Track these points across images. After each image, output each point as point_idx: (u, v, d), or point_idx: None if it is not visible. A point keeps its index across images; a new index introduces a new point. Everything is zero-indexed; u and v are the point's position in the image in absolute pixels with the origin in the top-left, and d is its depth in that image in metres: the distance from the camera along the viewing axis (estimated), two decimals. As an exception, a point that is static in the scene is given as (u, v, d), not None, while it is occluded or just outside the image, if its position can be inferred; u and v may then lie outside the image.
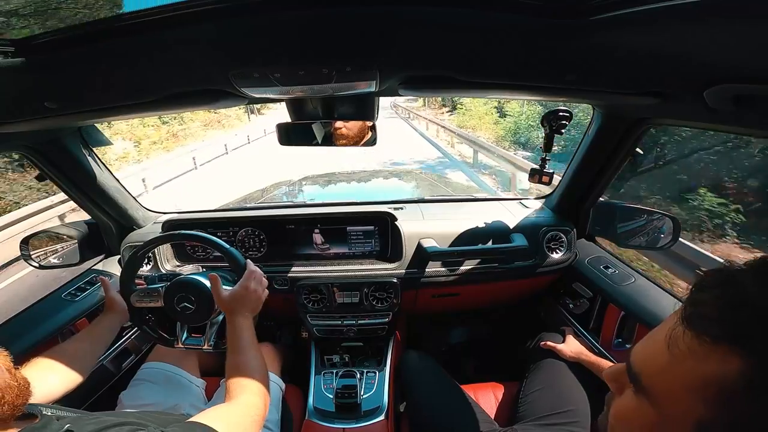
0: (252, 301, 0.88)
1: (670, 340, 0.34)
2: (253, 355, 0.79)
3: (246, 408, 0.68)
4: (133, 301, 1.00)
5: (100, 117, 0.89)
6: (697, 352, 0.31)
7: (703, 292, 0.33)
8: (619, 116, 1.02)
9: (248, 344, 0.81)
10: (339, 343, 1.39)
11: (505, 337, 1.75)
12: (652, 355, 0.36)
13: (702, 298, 0.33)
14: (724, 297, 0.32)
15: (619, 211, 1.31)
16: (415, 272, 1.30)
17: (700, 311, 0.32)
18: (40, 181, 1.19)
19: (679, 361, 0.33)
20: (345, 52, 0.58)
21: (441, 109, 17.92)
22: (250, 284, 0.89)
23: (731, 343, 0.30)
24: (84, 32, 0.52)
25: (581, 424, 0.95)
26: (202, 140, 13.00)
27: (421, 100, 19.42)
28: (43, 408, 0.58)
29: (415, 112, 16.50)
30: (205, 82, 0.68)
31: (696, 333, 0.32)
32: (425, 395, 1.11)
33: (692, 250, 2.85)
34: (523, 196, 1.68)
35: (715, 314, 0.31)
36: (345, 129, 0.93)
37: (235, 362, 0.77)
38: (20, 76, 0.60)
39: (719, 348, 0.30)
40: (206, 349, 1.01)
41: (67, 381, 0.80)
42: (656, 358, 0.35)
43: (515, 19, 0.48)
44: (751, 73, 0.45)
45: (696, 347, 0.31)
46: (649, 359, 0.36)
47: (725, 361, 0.30)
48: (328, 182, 2.54)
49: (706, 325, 0.31)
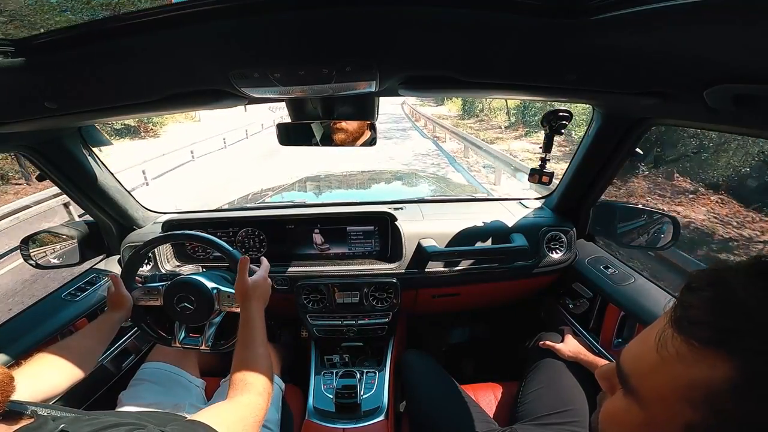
0: (266, 292, 0.91)
1: (659, 342, 0.33)
2: (262, 352, 0.78)
3: (248, 408, 0.68)
4: (133, 298, 1.00)
5: (100, 117, 0.89)
6: (685, 355, 0.31)
7: (692, 293, 0.33)
8: (619, 116, 1.02)
9: (259, 339, 0.80)
10: (339, 343, 1.39)
11: (505, 337, 1.75)
12: (642, 356, 0.36)
13: (691, 300, 0.32)
14: (714, 299, 0.31)
15: (619, 211, 1.31)
16: (415, 272, 1.30)
17: (689, 314, 0.32)
18: (40, 181, 1.20)
19: (668, 363, 0.32)
20: (345, 52, 0.58)
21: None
22: (267, 275, 0.93)
23: (719, 347, 0.29)
24: (84, 32, 0.52)
25: (580, 423, 0.95)
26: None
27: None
28: (39, 408, 0.58)
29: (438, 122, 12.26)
30: (205, 82, 0.68)
31: (685, 337, 0.31)
32: (425, 395, 1.11)
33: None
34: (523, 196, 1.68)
35: (703, 317, 0.31)
36: (344, 123, 0.93)
37: (244, 356, 0.76)
38: (20, 76, 0.60)
39: (708, 352, 0.30)
40: (203, 349, 1.01)
41: (70, 377, 0.79)
42: (645, 359, 0.35)
43: (515, 18, 0.48)
44: (751, 73, 0.44)
45: (685, 351, 0.31)
46: (639, 361, 0.36)
47: (713, 366, 0.29)
48: (327, 182, 2.54)
49: (695, 329, 0.31)
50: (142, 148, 10.44)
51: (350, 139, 0.96)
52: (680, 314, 0.33)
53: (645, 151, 1.13)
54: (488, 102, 14.91)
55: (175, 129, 15.45)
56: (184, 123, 16.76)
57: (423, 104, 20.90)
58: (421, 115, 15.06)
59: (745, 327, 0.29)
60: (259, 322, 0.83)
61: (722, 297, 0.31)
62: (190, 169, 8.89)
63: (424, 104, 21.15)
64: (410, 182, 2.60)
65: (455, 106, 19.68)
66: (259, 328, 0.82)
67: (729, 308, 0.30)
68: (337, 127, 0.93)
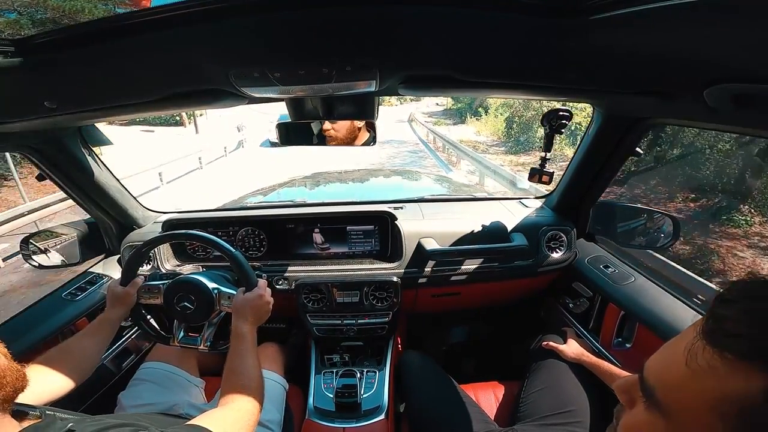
0: (264, 313, 0.93)
1: (689, 355, 0.32)
2: (252, 363, 0.82)
3: (240, 413, 0.71)
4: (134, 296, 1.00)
5: (100, 117, 0.89)
6: (718, 368, 0.30)
7: (726, 306, 0.32)
8: (619, 116, 1.02)
9: (249, 351, 0.83)
10: (339, 343, 1.39)
11: (505, 337, 1.75)
12: (669, 369, 0.35)
13: (726, 314, 0.32)
14: (750, 312, 0.30)
15: (619, 211, 1.32)
16: (415, 272, 1.30)
17: (724, 327, 0.31)
18: (40, 181, 1.19)
19: (699, 376, 0.31)
20: (345, 52, 0.58)
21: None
22: (266, 295, 0.94)
23: (755, 359, 0.29)
24: (83, 32, 0.52)
25: (582, 424, 0.95)
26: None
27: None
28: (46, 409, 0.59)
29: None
30: (205, 82, 0.68)
31: (718, 349, 0.31)
32: (424, 397, 1.11)
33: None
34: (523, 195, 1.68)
35: (739, 330, 0.30)
36: (333, 131, 0.95)
37: (234, 366, 0.80)
38: (20, 76, 0.60)
39: (743, 365, 0.29)
40: (202, 349, 1.01)
41: (73, 379, 0.80)
42: (673, 372, 0.34)
43: (515, 18, 0.49)
44: (751, 73, 0.45)
45: (717, 364, 0.30)
46: (665, 373, 0.35)
47: (749, 378, 0.29)
48: (327, 182, 2.54)
49: (730, 342, 0.30)
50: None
51: (350, 138, 0.96)
52: (713, 326, 0.32)
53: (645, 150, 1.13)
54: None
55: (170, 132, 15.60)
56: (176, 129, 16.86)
57: (439, 122, 16.17)
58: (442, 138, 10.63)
59: None
60: (249, 336, 0.86)
61: (761, 310, 0.30)
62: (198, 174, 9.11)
63: (440, 122, 16.28)
64: (410, 181, 2.60)
65: (487, 127, 12.84)
66: (250, 342, 0.85)
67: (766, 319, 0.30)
68: (337, 126, 0.93)
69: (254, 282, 0.95)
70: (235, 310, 0.91)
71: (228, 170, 9.20)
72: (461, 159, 8.78)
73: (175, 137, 13.90)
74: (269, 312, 0.94)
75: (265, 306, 0.93)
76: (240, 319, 0.88)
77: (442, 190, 2.33)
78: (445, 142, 10.12)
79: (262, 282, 0.96)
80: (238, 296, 0.92)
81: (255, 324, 0.90)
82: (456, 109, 22.00)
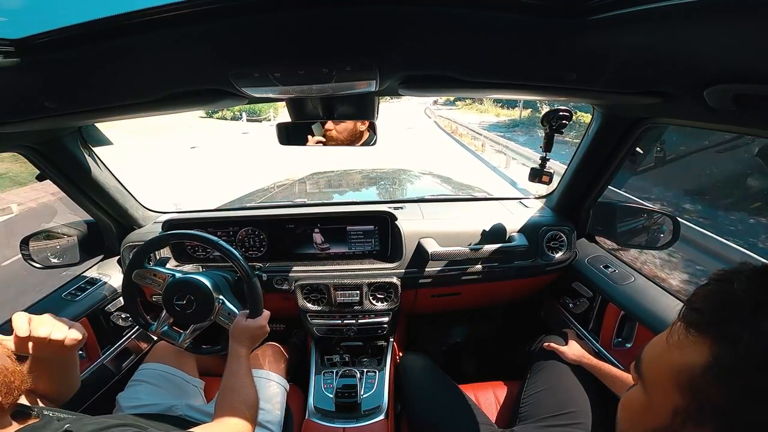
0: (259, 339, 0.94)
1: (670, 332, 0.36)
2: (248, 382, 0.84)
3: (237, 426, 0.73)
4: (135, 276, 1.00)
5: (100, 117, 0.89)
6: (683, 342, 0.33)
7: (702, 286, 0.35)
8: (619, 116, 1.02)
9: (246, 370, 0.86)
10: (339, 343, 1.39)
11: (505, 337, 1.75)
12: (655, 344, 0.38)
13: (697, 290, 0.35)
14: (713, 291, 0.34)
15: (619, 211, 1.31)
16: (415, 272, 1.30)
17: (690, 300, 0.35)
18: (40, 181, 1.19)
19: (671, 350, 0.35)
20: (345, 52, 0.58)
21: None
22: (267, 325, 0.94)
23: (706, 333, 0.32)
24: (83, 32, 0.52)
25: (583, 426, 0.95)
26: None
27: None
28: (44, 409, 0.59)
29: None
30: (205, 82, 0.68)
31: (685, 324, 0.34)
32: (424, 399, 1.11)
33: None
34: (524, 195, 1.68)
35: (699, 305, 0.33)
36: (335, 132, 0.94)
37: (231, 383, 0.82)
38: (20, 76, 0.60)
39: (697, 338, 0.32)
40: (179, 345, 1.01)
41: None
42: (657, 347, 0.38)
43: (515, 18, 0.48)
44: (751, 73, 0.45)
45: (684, 338, 0.33)
46: (650, 349, 0.39)
47: (699, 352, 0.32)
48: (327, 181, 2.54)
49: (693, 316, 0.33)
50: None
51: (350, 139, 0.96)
52: (685, 302, 0.35)
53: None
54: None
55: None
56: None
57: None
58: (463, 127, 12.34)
59: (729, 316, 0.31)
60: (244, 359, 0.88)
61: (721, 289, 0.33)
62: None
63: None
64: (410, 181, 2.60)
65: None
66: (245, 364, 0.87)
67: (722, 299, 0.32)
68: (328, 128, 0.93)
69: (260, 312, 0.95)
70: (235, 334, 0.91)
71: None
72: (484, 144, 10.01)
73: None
74: (262, 337, 0.95)
75: (264, 335, 0.94)
76: (237, 342, 0.89)
77: (442, 190, 2.33)
78: (468, 130, 11.81)
79: (267, 313, 0.96)
80: (240, 321, 0.92)
81: (250, 348, 0.92)
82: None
